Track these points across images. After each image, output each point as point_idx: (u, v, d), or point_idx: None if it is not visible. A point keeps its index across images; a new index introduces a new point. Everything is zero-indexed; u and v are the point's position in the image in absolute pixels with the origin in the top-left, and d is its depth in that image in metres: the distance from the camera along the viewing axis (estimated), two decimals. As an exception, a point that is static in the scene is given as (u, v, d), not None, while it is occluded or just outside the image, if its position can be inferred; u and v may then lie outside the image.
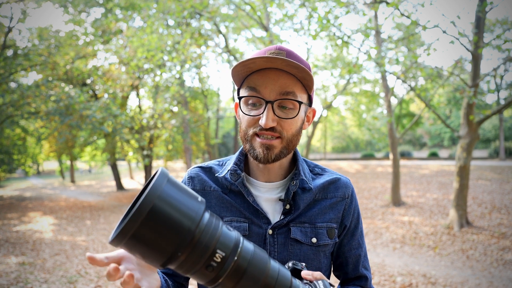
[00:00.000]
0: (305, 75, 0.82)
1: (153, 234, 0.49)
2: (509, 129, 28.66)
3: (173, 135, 13.32)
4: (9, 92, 11.10)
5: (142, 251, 0.50)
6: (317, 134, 30.54)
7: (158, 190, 0.49)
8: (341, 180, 0.98)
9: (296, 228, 0.89)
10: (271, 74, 0.82)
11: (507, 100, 8.09)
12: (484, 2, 6.26)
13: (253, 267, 0.57)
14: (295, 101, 0.83)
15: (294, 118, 0.84)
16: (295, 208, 0.91)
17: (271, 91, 0.82)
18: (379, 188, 12.14)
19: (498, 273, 5.09)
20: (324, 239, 0.91)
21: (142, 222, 0.47)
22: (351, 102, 19.02)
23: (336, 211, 0.94)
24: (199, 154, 24.53)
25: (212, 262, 0.53)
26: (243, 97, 0.85)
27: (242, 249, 0.57)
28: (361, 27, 10.56)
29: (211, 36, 12.35)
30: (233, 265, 0.55)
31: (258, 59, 0.79)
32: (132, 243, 0.49)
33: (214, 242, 0.53)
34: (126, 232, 0.48)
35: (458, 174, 7.19)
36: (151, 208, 0.48)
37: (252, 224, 0.89)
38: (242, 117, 0.87)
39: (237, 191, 0.92)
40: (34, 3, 12.54)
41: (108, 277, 0.57)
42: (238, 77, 0.86)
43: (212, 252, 0.53)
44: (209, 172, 0.97)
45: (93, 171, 38.87)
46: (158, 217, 0.48)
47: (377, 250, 6.50)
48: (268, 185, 0.92)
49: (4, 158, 16.91)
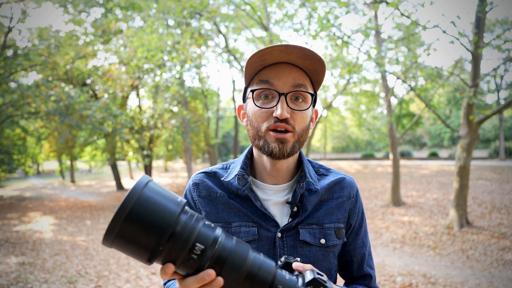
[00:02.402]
0: (318, 66, 0.85)
1: (135, 232, 0.55)
2: (509, 129, 28.65)
3: (173, 135, 13.32)
4: (9, 92, 11.09)
5: (129, 248, 0.57)
6: (317, 134, 30.52)
7: (137, 192, 0.56)
8: (346, 179, 0.99)
9: (305, 230, 0.90)
10: (284, 68, 0.84)
11: (507, 100, 8.09)
12: (484, 2, 6.26)
13: (234, 256, 0.61)
14: (307, 93, 0.85)
15: (306, 111, 0.86)
16: (303, 210, 0.91)
17: (284, 83, 0.83)
18: (379, 188, 12.14)
19: (498, 273, 5.09)
20: (333, 239, 0.92)
21: (124, 222, 0.54)
22: (351, 102, 19.01)
23: (342, 211, 0.95)
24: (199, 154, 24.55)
25: (192, 255, 0.58)
26: (256, 90, 0.86)
27: (222, 241, 0.61)
28: (361, 27, 10.56)
29: (211, 36, 12.34)
30: (213, 255, 0.59)
31: (275, 48, 0.79)
32: (119, 241, 0.56)
33: (193, 237, 0.59)
34: (112, 232, 0.54)
35: (458, 174, 7.19)
36: (131, 208, 0.55)
37: (261, 228, 0.89)
38: (253, 113, 0.87)
39: (244, 196, 0.91)
40: (34, 3, 12.53)
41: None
42: (250, 71, 0.86)
43: (192, 246, 0.58)
44: (214, 177, 0.97)
45: (93, 171, 38.87)
46: (137, 216, 0.55)
47: (377, 250, 6.51)
48: (275, 187, 0.92)
49: (4, 158, 16.90)
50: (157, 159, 18.48)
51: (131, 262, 5.81)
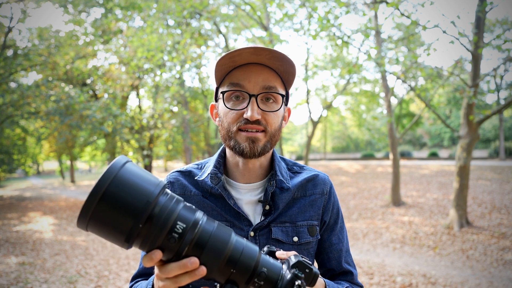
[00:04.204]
0: (288, 67, 0.84)
1: (110, 214, 0.53)
2: (509, 129, 28.64)
3: (173, 135, 13.33)
4: (9, 92, 11.09)
5: (105, 231, 0.55)
6: (317, 134, 30.52)
7: (113, 173, 0.54)
8: (319, 176, 0.98)
9: (277, 228, 0.90)
10: (254, 69, 0.84)
11: (507, 100, 8.09)
12: (484, 2, 6.25)
13: (215, 240, 0.59)
14: (277, 94, 0.85)
15: (276, 112, 0.86)
16: (275, 208, 0.91)
17: (254, 85, 0.83)
18: (379, 188, 12.13)
19: (498, 273, 5.09)
20: (306, 237, 0.92)
21: (98, 203, 0.52)
22: (351, 102, 19.02)
23: (315, 208, 0.95)
24: (199, 154, 24.54)
25: (173, 234, 0.56)
26: (226, 91, 0.85)
27: (203, 224, 0.60)
28: (361, 27, 10.57)
29: (211, 36, 12.36)
30: (193, 238, 0.58)
31: (245, 50, 0.79)
32: (94, 224, 0.54)
33: (173, 217, 0.57)
34: (86, 214, 0.53)
35: (458, 174, 7.19)
36: (105, 189, 0.53)
37: (234, 226, 0.89)
38: (224, 114, 0.87)
39: (218, 195, 0.92)
40: (34, 3, 12.53)
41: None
42: (221, 72, 0.86)
43: (173, 224, 0.57)
44: (189, 176, 0.97)
45: (93, 171, 38.87)
46: (112, 197, 0.53)
47: (377, 250, 6.50)
48: (248, 186, 0.92)
49: (4, 158, 16.89)
50: (157, 159, 18.48)
51: (131, 262, 5.81)
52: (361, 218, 9.01)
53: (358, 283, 0.99)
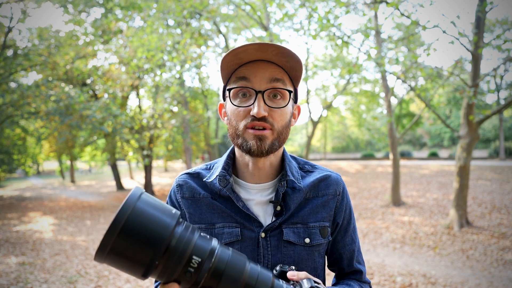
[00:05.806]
0: (294, 63, 0.83)
1: (129, 247, 0.54)
2: (509, 129, 28.64)
3: (173, 135, 13.33)
4: (9, 92, 11.09)
5: (123, 263, 0.55)
6: (317, 134, 30.52)
7: (131, 206, 0.54)
8: (332, 176, 0.97)
9: (289, 230, 0.89)
10: (260, 65, 0.83)
11: (507, 100, 8.08)
12: (484, 2, 6.26)
13: (231, 268, 0.60)
14: (284, 90, 0.84)
15: (284, 108, 0.84)
16: (286, 209, 0.90)
17: (261, 81, 0.82)
18: (379, 188, 12.13)
19: (498, 273, 5.09)
20: (318, 238, 0.90)
21: (118, 237, 0.53)
22: (351, 102, 19.01)
23: (328, 209, 0.93)
24: (199, 154, 24.54)
25: (189, 268, 0.57)
26: (233, 88, 0.84)
27: (219, 253, 0.60)
28: (361, 27, 10.57)
29: (211, 36, 12.36)
30: (210, 268, 0.58)
31: (250, 46, 0.78)
32: (112, 257, 0.54)
33: (189, 250, 0.58)
34: (105, 247, 0.53)
35: (458, 174, 7.19)
36: (124, 223, 0.53)
37: (244, 228, 0.88)
38: (231, 112, 0.86)
39: (227, 196, 0.90)
40: (34, 3, 12.53)
41: None
42: (227, 70, 0.85)
43: (189, 259, 0.58)
44: (197, 178, 0.96)
45: (93, 171, 38.87)
46: (131, 230, 0.54)
47: (377, 250, 6.50)
48: (258, 186, 0.91)
49: (4, 158, 16.88)
50: (157, 159, 18.46)
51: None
52: (361, 218, 9.01)
53: (366, 281, 0.99)
